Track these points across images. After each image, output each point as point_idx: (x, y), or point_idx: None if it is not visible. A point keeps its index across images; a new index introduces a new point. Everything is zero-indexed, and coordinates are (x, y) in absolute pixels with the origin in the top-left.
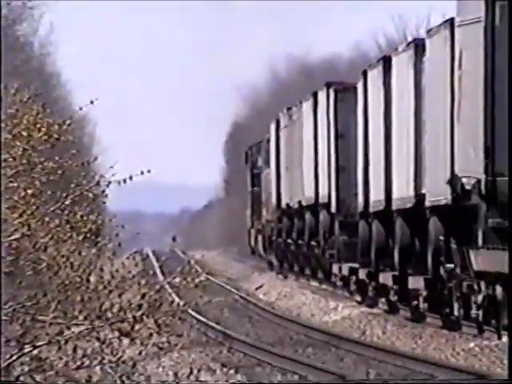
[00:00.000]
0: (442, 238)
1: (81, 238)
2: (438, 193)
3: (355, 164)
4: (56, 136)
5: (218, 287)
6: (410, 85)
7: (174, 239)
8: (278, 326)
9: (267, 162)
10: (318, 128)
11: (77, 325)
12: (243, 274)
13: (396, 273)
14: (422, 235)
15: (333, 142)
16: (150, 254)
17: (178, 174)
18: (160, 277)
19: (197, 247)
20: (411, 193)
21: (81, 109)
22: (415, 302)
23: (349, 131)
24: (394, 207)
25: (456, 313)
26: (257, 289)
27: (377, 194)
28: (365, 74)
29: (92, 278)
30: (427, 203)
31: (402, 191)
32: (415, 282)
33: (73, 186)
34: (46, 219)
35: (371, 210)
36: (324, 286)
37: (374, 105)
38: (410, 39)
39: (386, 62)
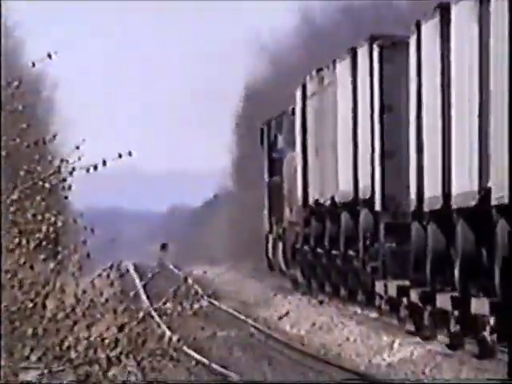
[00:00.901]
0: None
1: (33, 245)
2: (504, 187)
3: (407, 147)
4: None
5: (227, 316)
6: (473, 44)
7: (163, 248)
8: (310, 370)
9: (290, 143)
10: (357, 97)
11: (28, 368)
12: (262, 298)
13: (457, 293)
14: (489, 243)
15: (377, 117)
16: (131, 269)
17: (169, 160)
18: (145, 301)
19: (196, 260)
20: (475, 187)
21: (33, 65)
22: (483, 333)
23: (399, 102)
24: (453, 205)
25: None
26: (280, 318)
27: (433, 188)
28: (418, 26)
29: (49, 303)
30: (493, 201)
31: (464, 184)
32: (479, 306)
33: (22, 173)
34: None
35: (426, 208)
36: (374, 315)
37: (430, 68)
38: None
39: (444, 11)
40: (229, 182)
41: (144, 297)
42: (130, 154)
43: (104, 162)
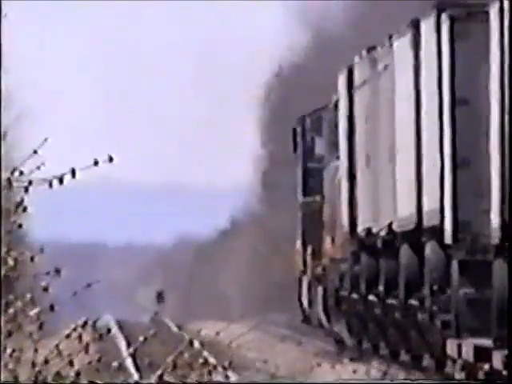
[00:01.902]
0: None
1: None
2: None
3: (487, 154)
4: None
5: None
6: None
7: (160, 298)
8: None
9: (333, 149)
10: (421, 87)
11: None
12: (299, 368)
13: None
14: None
15: (447, 113)
16: (114, 328)
17: (169, 172)
18: (133, 374)
19: (206, 314)
20: None
21: None
22: None
23: (476, 93)
24: None
25: None
26: None
27: None
28: None
29: None
30: None
31: None
32: None
33: None
34: None
35: None
36: None
37: None
38: None
39: None
40: (253, 201)
41: (132, 369)
42: (110, 159)
43: (73, 173)
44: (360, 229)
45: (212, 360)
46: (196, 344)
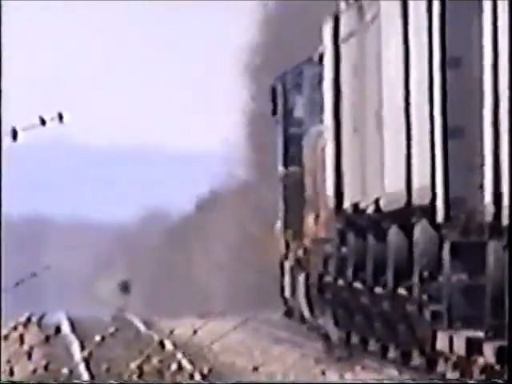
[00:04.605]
0: None
1: None
2: None
3: (481, 121)
4: None
5: None
6: None
7: (124, 288)
8: None
9: (316, 111)
10: (409, 44)
11: None
12: (299, 378)
13: None
14: None
15: (438, 75)
16: (65, 327)
17: (136, 133)
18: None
19: (181, 310)
20: None
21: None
22: None
23: (470, 53)
24: None
25: None
26: None
27: None
28: None
29: None
30: None
31: None
32: None
33: None
34: None
35: (504, 220)
36: None
37: None
38: None
39: None
40: (239, 168)
41: (86, 376)
42: (60, 117)
43: (14, 134)
44: (347, 204)
45: (188, 366)
46: (168, 346)
